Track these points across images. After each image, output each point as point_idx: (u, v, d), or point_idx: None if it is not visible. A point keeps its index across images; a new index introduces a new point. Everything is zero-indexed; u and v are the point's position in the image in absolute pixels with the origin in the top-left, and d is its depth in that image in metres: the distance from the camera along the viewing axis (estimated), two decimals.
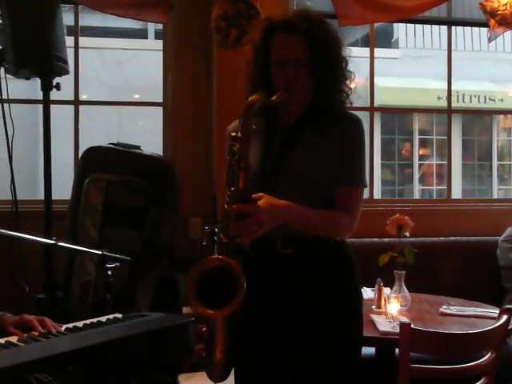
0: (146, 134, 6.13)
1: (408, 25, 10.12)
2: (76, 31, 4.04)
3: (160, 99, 4.20)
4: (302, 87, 1.98)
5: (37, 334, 1.83)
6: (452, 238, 4.04)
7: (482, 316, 2.72)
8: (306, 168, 1.99)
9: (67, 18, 3.56)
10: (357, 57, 2.11)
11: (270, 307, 1.98)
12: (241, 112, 1.82)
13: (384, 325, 2.49)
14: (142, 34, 9.87)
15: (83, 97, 4.38)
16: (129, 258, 2.54)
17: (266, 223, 1.80)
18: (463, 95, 10.35)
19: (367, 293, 3.05)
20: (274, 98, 1.88)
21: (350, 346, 2.04)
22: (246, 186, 1.80)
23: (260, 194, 1.83)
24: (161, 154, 4.02)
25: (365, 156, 2.08)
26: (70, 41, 3.59)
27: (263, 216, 1.78)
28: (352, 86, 2.06)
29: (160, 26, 4.50)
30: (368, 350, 2.60)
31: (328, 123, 2.02)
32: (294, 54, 1.95)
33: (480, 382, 2.16)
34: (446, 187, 4.79)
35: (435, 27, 9.57)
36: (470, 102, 10.51)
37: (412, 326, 2.04)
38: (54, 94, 3.43)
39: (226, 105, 3.69)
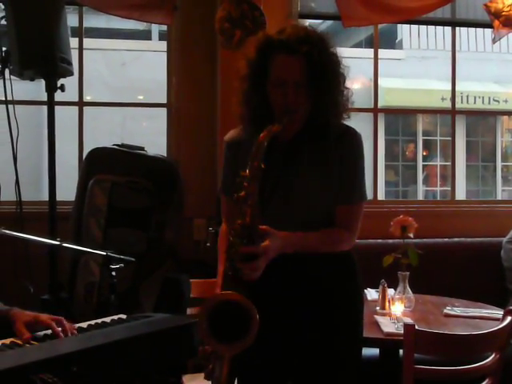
0: (150, 135, 6.13)
1: (412, 26, 10.12)
2: (80, 32, 4.05)
3: (164, 100, 4.20)
4: (301, 107, 1.97)
5: (42, 334, 1.82)
6: (456, 239, 4.03)
7: (486, 317, 2.72)
8: (306, 185, 1.99)
9: (71, 20, 3.57)
10: (361, 58, 2.14)
11: (271, 310, 1.98)
12: (252, 150, 1.85)
13: (388, 326, 2.49)
14: (146, 36, 9.89)
15: (87, 98, 4.39)
16: (133, 259, 2.54)
17: (270, 257, 1.84)
18: (467, 96, 10.34)
19: (371, 294, 3.05)
20: (275, 128, 1.89)
21: (350, 348, 2.05)
22: (254, 221, 1.82)
23: (265, 228, 1.84)
24: (165, 155, 4.03)
25: (364, 169, 2.08)
26: (74, 42, 3.60)
27: (271, 255, 1.83)
28: (355, 86, 2.07)
29: (164, 28, 4.52)
30: (372, 351, 2.61)
31: (326, 139, 2.02)
32: (293, 76, 1.93)
33: (484, 383, 2.16)
34: (449, 188, 4.79)
35: (439, 28, 9.54)
36: (474, 103, 10.49)
37: (416, 327, 2.04)
38: (59, 95, 3.44)
39: (230, 106, 3.67)
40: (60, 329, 1.83)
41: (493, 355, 2.17)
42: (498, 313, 2.65)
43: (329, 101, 1.98)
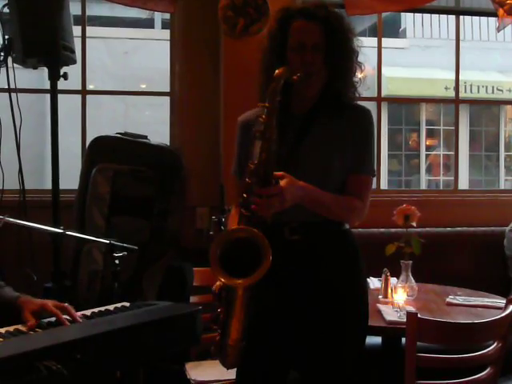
0: (153, 123, 6.13)
1: (416, 14, 10.05)
2: (83, 21, 4.04)
3: (167, 89, 4.19)
4: (318, 71, 2.03)
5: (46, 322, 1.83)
6: (459, 229, 4.04)
7: (489, 306, 2.72)
8: (318, 155, 2.04)
9: (74, 8, 3.56)
10: (364, 46, 2.15)
11: (277, 292, 2.00)
12: (269, 84, 1.91)
13: (391, 314, 2.50)
14: (148, 24, 9.86)
15: (90, 86, 4.38)
16: (136, 248, 2.54)
17: (287, 202, 1.87)
18: (471, 85, 10.29)
19: (374, 283, 3.05)
20: (295, 77, 1.95)
21: (354, 331, 2.07)
22: (270, 157, 1.87)
23: (282, 173, 1.88)
24: (168, 143, 4.02)
25: (374, 147, 2.15)
26: (77, 30, 3.58)
27: (287, 195, 1.85)
28: (361, 75, 2.10)
29: (167, 16, 4.50)
30: (375, 340, 2.61)
31: (339, 112, 2.08)
32: (311, 39, 2.02)
33: (486, 371, 2.16)
34: (452, 178, 4.78)
35: (443, 17, 9.49)
36: (478, 92, 10.45)
37: (419, 315, 2.05)
38: (61, 84, 3.43)
39: (233, 94, 3.69)
40: (66, 316, 1.84)
41: (495, 344, 2.17)
42: (501, 302, 2.66)
43: (344, 70, 2.06)
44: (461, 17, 4.57)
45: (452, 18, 4.70)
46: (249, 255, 1.79)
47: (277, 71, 1.91)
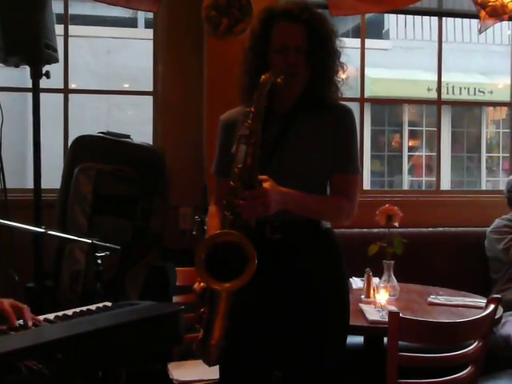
0: (136, 123, 6.11)
1: (399, 16, 10.12)
2: (66, 19, 4.01)
3: (150, 88, 4.18)
4: (301, 73, 2.04)
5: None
6: (441, 229, 4.06)
7: (470, 305, 2.74)
8: (298, 155, 2.03)
9: (57, 6, 3.53)
10: (347, 47, 2.16)
11: (258, 291, 1.99)
12: (257, 89, 1.91)
13: (373, 314, 2.51)
14: (131, 23, 9.83)
15: (72, 85, 4.36)
16: (118, 247, 2.53)
17: (272, 207, 1.86)
18: (453, 87, 10.38)
19: (356, 282, 3.06)
20: (279, 80, 1.95)
21: (336, 331, 2.08)
22: (255, 162, 1.88)
23: (265, 177, 1.88)
24: (151, 143, 4.01)
25: (357, 145, 2.15)
26: (59, 29, 3.56)
27: (270, 199, 1.85)
28: (343, 76, 2.11)
29: (150, 15, 4.49)
30: (356, 339, 2.62)
31: (320, 112, 2.08)
32: (294, 41, 2.02)
33: (467, 370, 2.18)
34: (435, 178, 4.82)
35: (426, 18, 9.54)
36: (460, 93, 10.54)
37: (401, 315, 2.06)
38: (44, 82, 3.41)
39: (217, 94, 3.69)
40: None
41: (476, 343, 2.19)
42: (482, 301, 2.68)
43: (326, 71, 2.06)
44: (443, 18, 4.60)
45: (434, 19, 4.73)
46: (234, 259, 1.79)
47: (263, 77, 1.92)
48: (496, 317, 2.29)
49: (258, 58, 2.06)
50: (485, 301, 2.37)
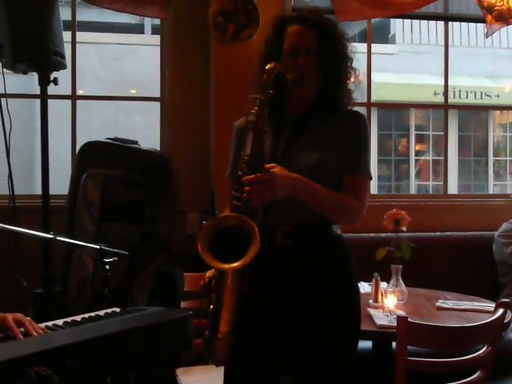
0: (143, 129, 6.13)
1: (405, 20, 10.12)
2: (73, 26, 4.03)
3: (157, 94, 4.19)
4: (312, 75, 2.05)
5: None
6: (448, 233, 4.05)
7: (479, 310, 2.73)
8: (310, 158, 2.03)
9: (64, 13, 3.55)
10: (354, 52, 2.16)
11: (269, 295, 2.00)
12: (262, 77, 1.95)
13: (381, 318, 2.50)
14: (138, 29, 9.87)
15: (80, 92, 4.38)
16: (126, 253, 2.53)
17: (279, 190, 1.87)
18: (459, 91, 10.37)
19: (364, 287, 3.06)
20: (288, 76, 2.00)
21: (346, 336, 2.07)
22: (261, 149, 1.90)
23: (273, 164, 1.90)
24: (158, 149, 4.02)
25: (369, 151, 2.15)
26: (67, 36, 3.58)
27: (278, 182, 1.86)
28: (356, 81, 2.13)
29: (157, 21, 4.50)
30: (365, 344, 2.61)
31: (333, 116, 2.09)
32: (305, 43, 2.05)
33: (475, 375, 2.17)
34: (442, 183, 4.81)
35: (432, 23, 9.55)
36: (467, 97, 10.53)
37: (409, 319, 2.05)
38: (52, 89, 3.42)
39: (224, 100, 3.70)
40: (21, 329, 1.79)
41: (485, 347, 2.18)
42: (490, 305, 2.67)
43: (337, 75, 2.08)
44: (449, 23, 4.60)
45: (441, 24, 4.73)
46: (238, 243, 1.80)
47: (269, 65, 1.96)
48: (505, 321, 2.28)
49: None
50: (493, 305, 2.36)
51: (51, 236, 2.47)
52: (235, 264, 1.79)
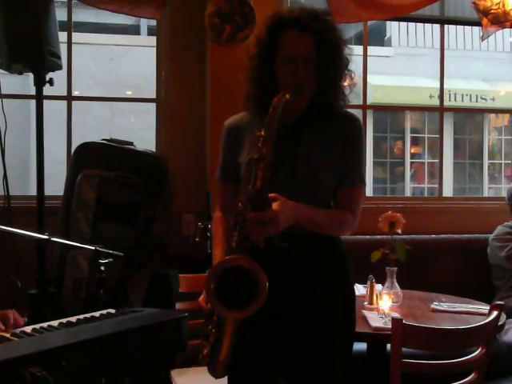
0: (139, 130, 6.13)
1: (401, 23, 10.17)
2: (69, 26, 4.03)
3: (153, 95, 4.19)
4: (310, 85, 2.00)
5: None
6: (443, 236, 4.06)
7: (473, 312, 2.74)
8: (307, 167, 2.01)
9: (60, 14, 3.55)
10: (350, 55, 2.14)
11: (267, 299, 2.00)
12: (269, 111, 1.87)
13: (376, 320, 2.51)
14: (134, 30, 9.86)
15: (76, 93, 4.37)
16: (122, 254, 2.53)
17: (282, 224, 1.85)
18: (455, 94, 10.39)
19: (359, 289, 3.06)
20: (287, 95, 1.90)
21: (342, 339, 2.08)
22: (264, 186, 1.84)
23: (274, 195, 1.86)
24: (154, 150, 4.02)
25: (364, 154, 2.13)
26: (62, 36, 3.58)
27: (280, 218, 1.83)
28: (351, 83, 2.09)
29: (153, 22, 4.50)
30: (360, 346, 2.61)
31: (328, 122, 2.06)
32: (303, 52, 1.96)
33: (470, 377, 2.18)
34: (437, 185, 4.82)
35: (428, 26, 9.60)
36: (462, 100, 10.55)
37: (404, 321, 2.06)
38: (47, 90, 3.42)
39: (220, 101, 3.70)
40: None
41: (479, 349, 2.19)
42: (485, 308, 2.68)
43: (335, 81, 2.02)
44: (445, 26, 4.61)
45: (437, 26, 4.75)
46: (244, 282, 1.78)
47: (275, 99, 1.87)
48: (499, 323, 2.29)
49: (264, 66, 2.02)
50: (488, 307, 2.37)
51: (46, 237, 2.47)
52: (239, 313, 1.79)
